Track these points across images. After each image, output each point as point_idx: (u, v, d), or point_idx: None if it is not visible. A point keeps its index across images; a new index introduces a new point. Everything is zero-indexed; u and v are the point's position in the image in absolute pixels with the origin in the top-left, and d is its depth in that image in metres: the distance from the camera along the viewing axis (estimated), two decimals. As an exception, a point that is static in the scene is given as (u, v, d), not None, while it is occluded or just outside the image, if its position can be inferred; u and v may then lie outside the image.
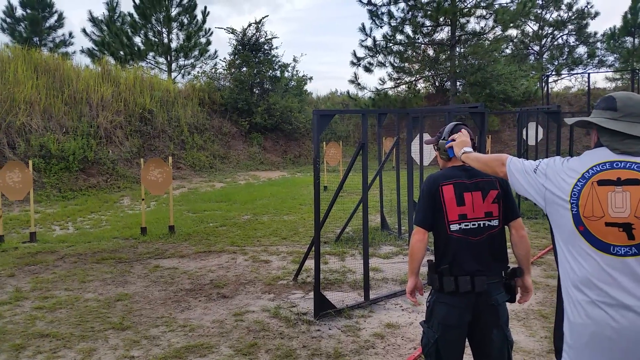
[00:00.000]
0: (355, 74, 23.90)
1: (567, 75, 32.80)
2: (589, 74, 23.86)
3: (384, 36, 23.04)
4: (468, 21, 22.40)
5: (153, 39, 25.42)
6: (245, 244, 7.44)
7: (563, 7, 31.91)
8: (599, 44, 32.62)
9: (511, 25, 22.87)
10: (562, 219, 1.78)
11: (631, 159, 1.73)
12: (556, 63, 33.44)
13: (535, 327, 4.23)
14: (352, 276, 5.68)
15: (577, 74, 31.67)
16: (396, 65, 23.49)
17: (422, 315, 4.51)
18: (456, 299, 2.43)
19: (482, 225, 2.45)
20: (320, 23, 74.25)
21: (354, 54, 23.37)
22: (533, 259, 6.18)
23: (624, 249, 1.66)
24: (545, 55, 33.49)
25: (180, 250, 7.09)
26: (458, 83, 23.43)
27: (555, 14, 32.40)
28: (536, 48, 33.48)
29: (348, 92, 25.23)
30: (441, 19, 22.00)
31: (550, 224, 1.90)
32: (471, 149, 2.40)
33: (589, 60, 32.94)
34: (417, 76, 24.24)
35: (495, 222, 2.47)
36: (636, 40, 30.44)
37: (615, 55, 31.73)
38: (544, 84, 23.03)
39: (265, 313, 4.63)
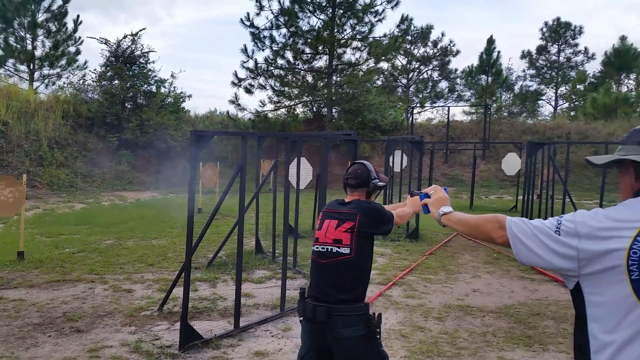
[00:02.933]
0: (235, 94, 23.77)
1: (429, 107, 35.96)
2: (449, 107, 26.47)
3: (266, 59, 23.31)
4: (344, 52, 23.52)
5: (14, 44, 23.00)
6: (106, 271, 6.88)
7: (429, 44, 35.10)
8: (458, 80, 36.34)
9: (383, 58, 24.53)
10: (613, 288, 1.35)
11: None
12: (421, 96, 36.53)
13: (396, 347, 4.43)
14: (223, 303, 5.52)
15: (438, 106, 34.89)
16: (277, 88, 23.83)
17: (292, 341, 4.52)
18: (305, 324, 2.57)
19: (329, 250, 2.57)
20: (201, 40, 73.00)
21: (235, 75, 23.28)
22: (395, 279, 6.55)
23: None
24: (411, 88, 36.41)
25: (30, 280, 6.33)
26: (334, 110, 24.42)
27: (422, 50, 35.52)
28: (404, 81, 36.28)
29: (228, 113, 24.97)
30: (320, 48, 22.84)
31: (583, 297, 1.42)
32: (450, 208, 1.98)
33: (449, 94, 36.50)
34: (296, 101, 24.81)
35: (344, 250, 2.54)
36: (489, 79, 34.40)
37: (471, 91, 35.54)
38: (409, 115, 24.92)
39: (124, 348, 4.28)
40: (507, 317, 5.27)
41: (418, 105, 33.74)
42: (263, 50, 23.23)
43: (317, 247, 2.64)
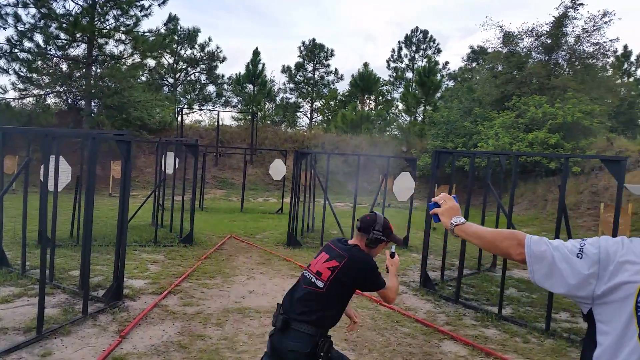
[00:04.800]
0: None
1: (198, 110, 35.73)
2: (218, 111, 26.69)
3: (8, 40, 19.83)
4: (107, 42, 21.64)
5: None
6: None
7: (197, 46, 34.83)
8: (225, 86, 36.98)
9: (149, 54, 23.33)
10: (619, 321, 1.35)
11: None
12: (189, 97, 36.03)
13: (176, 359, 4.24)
14: (-48, 334, 4.44)
15: (208, 110, 34.91)
16: (22, 74, 20.50)
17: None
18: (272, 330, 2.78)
19: (309, 279, 2.74)
20: None
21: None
22: (170, 287, 6.27)
23: None
24: (179, 89, 35.61)
25: None
26: (93, 103, 22.21)
27: (189, 52, 35.03)
28: (171, 80, 35.26)
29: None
30: (78, 35, 20.51)
31: (593, 317, 1.43)
32: (463, 219, 1.90)
33: (217, 98, 36.87)
34: (48, 90, 21.76)
35: (319, 284, 2.69)
36: (255, 88, 35.93)
37: (238, 98, 36.58)
38: (178, 116, 24.33)
39: None
40: (282, 315, 5.54)
41: (186, 106, 33.13)
42: (4, 28, 19.74)
43: (305, 272, 2.82)
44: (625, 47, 31.58)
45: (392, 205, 18.28)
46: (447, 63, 48.87)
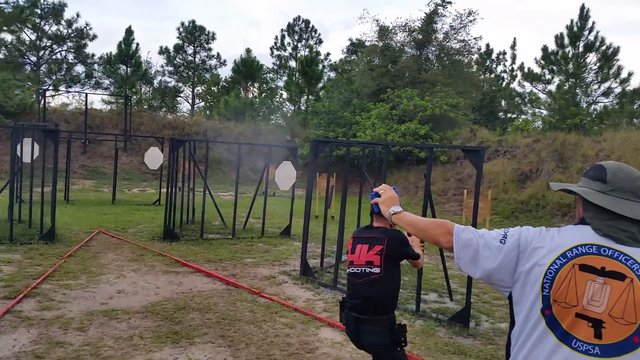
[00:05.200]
0: None
1: (64, 92, 32.62)
2: (87, 94, 24.55)
3: None
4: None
5: None
6: None
7: (63, 22, 31.65)
8: (96, 66, 34.13)
9: (5, 28, 20.73)
10: (528, 298, 1.56)
11: (620, 247, 1.51)
12: (54, 78, 32.71)
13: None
14: None
15: (75, 92, 32.01)
16: None
17: None
18: (346, 330, 3.09)
19: (363, 271, 2.99)
20: None
21: None
22: (26, 291, 5.63)
23: (585, 346, 1.48)
24: (42, 68, 32.18)
25: None
26: None
27: (55, 28, 31.74)
28: (33, 58, 31.72)
29: None
30: None
31: (512, 299, 1.64)
32: (400, 208, 2.07)
33: (86, 80, 33.93)
34: None
35: (375, 270, 2.96)
36: (129, 69, 33.62)
37: (110, 80, 33.95)
38: (41, 98, 21.99)
39: None
40: (154, 315, 5.24)
41: (51, 88, 30.04)
42: None
43: (352, 269, 3.05)
44: (488, 45, 34.68)
45: (277, 195, 18.32)
46: (328, 54, 50.04)
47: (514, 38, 49.32)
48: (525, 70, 27.37)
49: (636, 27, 54.27)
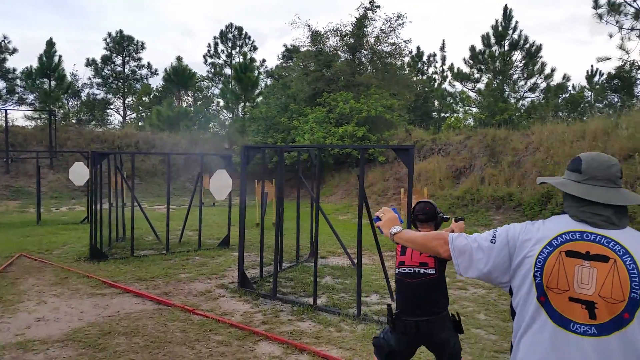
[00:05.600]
0: None
1: (-18, 108, 30.41)
2: (6, 110, 22.97)
3: None
4: None
5: None
6: None
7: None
8: (18, 81, 32.12)
9: None
10: (523, 288, 1.68)
11: (601, 231, 1.62)
12: (-31, 94, 30.45)
13: None
14: None
15: (-7, 108, 29.90)
16: None
17: None
18: (401, 336, 3.12)
19: (416, 272, 3.14)
20: None
21: None
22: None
23: (583, 328, 1.58)
24: (-45, 84, 29.90)
25: None
26: None
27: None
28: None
29: None
30: None
31: (511, 292, 1.76)
32: (400, 227, 2.15)
33: (8, 96, 31.86)
34: None
35: (431, 271, 3.12)
36: (52, 83, 31.85)
37: (34, 95, 32.04)
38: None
39: None
40: (75, 343, 4.81)
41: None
42: None
43: (403, 270, 3.19)
44: (419, 48, 35.72)
45: (217, 205, 17.83)
46: (264, 61, 49.78)
47: (443, 40, 51.01)
48: (455, 70, 28.25)
49: (555, 27, 57.76)
